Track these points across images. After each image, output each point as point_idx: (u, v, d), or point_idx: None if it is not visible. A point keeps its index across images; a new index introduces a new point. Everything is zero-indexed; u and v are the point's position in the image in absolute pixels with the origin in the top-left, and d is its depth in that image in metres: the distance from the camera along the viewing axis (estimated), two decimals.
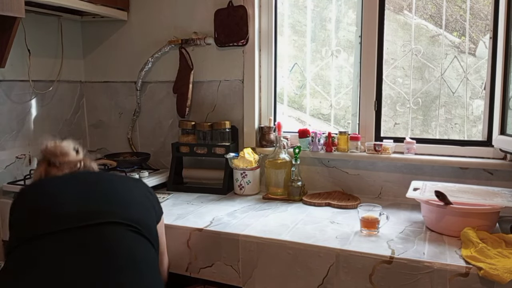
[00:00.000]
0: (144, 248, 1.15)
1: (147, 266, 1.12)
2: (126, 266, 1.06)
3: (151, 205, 1.29)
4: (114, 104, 2.42)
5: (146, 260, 1.13)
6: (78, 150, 1.33)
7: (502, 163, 1.73)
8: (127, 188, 1.27)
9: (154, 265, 1.17)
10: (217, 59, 2.15)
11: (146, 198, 1.29)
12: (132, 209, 1.19)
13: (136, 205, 1.22)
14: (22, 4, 1.64)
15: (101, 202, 1.16)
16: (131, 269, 1.06)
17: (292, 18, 2.15)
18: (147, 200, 1.28)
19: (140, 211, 1.21)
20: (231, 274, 1.50)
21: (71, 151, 1.30)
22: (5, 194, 1.94)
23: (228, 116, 2.15)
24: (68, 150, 1.29)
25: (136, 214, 1.19)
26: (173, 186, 2.10)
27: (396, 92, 1.99)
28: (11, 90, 2.03)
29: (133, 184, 1.33)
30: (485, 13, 1.83)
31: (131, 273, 1.06)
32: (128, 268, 1.06)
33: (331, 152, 1.95)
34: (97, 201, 1.16)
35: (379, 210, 1.49)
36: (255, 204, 1.85)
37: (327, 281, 1.35)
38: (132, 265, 1.07)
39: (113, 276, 1.02)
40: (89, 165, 1.34)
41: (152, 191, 1.35)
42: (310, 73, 2.13)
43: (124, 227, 1.12)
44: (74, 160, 1.29)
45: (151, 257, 1.17)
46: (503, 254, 1.25)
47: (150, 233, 1.20)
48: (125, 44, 2.34)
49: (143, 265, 1.10)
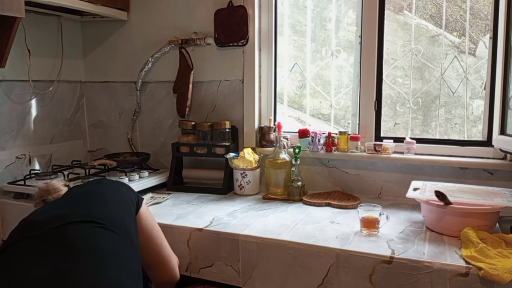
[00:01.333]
0: (111, 242, 1.14)
1: (115, 259, 1.11)
2: (85, 261, 1.05)
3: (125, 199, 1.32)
4: (114, 104, 2.42)
5: (114, 254, 1.12)
6: (68, 186, 1.43)
7: (502, 163, 1.73)
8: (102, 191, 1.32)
9: (126, 259, 1.15)
10: (217, 59, 2.15)
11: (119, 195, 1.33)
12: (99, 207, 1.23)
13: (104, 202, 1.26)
14: (22, 4, 1.63)
15: (71, 207, 1.22)
16: (91, 263, 1.06)
17: (292, 18, 2.15)
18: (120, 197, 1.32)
19: (108, 206, 1.25)
20: (231, 274, 1.50)
21: (62, 187, 1.40)
22: (5, 194, 1.94)
23: (228, 116, 2.15)
24: (59, 186, 1.40)
25: (101, 209, 1.21)
26: (173, 186, 2.10)
27: (396, 92, 1.99)
28: (11, 90, 2.03)
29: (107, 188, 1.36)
30: (485, 13, 1.83)
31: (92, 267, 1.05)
32: (87, 263, 1.05)
33: (331, 152, 1.95)
34: (68, 207, 1.22)
35: (379, 210, 1.49)
36: (255, 204, 1.85)
37: (327, 281, 1.35)
38: (93, 259, 1.07)
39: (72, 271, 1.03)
40: None
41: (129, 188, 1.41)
42: (310, 73, 2.13)
43: (88, 224, 1.14)
44: None
45: (121, 251, 1.15)
46: (503, 254, 1.25)
47: (121, 227, 1.20)
48: (125, 44, 2.34)
49: (108, 259, 1.09)
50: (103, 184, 1.39)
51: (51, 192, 1.37)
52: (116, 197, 1.31)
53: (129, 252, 1.18)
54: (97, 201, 1.25)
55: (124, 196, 1.34)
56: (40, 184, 1.43)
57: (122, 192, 1.36)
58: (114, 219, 1.20)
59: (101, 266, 1.06)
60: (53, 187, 1.39)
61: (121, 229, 1.19)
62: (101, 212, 1.20)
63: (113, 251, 1.12)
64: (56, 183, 1.42)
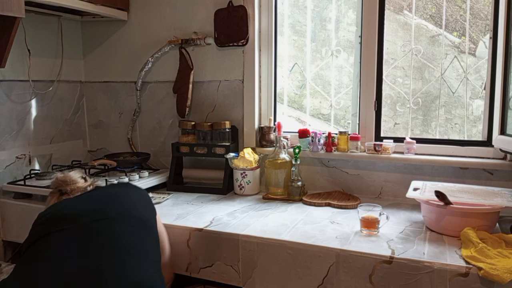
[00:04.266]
0: (144, 241, 1.22)
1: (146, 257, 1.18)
2: (119, 257, 1.11)
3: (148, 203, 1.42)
4: (114, 104, 2.42)
5: (146, 252, 1.19)
6: (86, 178, 1.46)
7: (502, 163, 1.73)
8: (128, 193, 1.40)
9: (156, 258, 1.24)
10: (217, 59, 2.15)
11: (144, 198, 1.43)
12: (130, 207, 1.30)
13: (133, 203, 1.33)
14: (22, 4, 1.64)
15: (103, 204, 1.28)
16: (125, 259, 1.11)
17: (292, 18, 2.15)
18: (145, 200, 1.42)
19: (137, 208, 1.32)
20: (231, 274, 1.50)
21: (79, 179, 1.43)
22: (5, 194, 1.94)
23: (228, 116, 2.15)
24: (76, 178, 1.43)
25: (132, 210, 1.29)
26: (173, 186, 2.10)
27: (396, 92, 1.99)
28: (11, 90, 2.03)
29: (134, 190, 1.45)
30: (485, 13, 1.83)
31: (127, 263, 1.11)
32: (121, 259, 1.11)
33: (331, 152, 1.95)
34: (100, 204, 1.28)
35: (379, 210, 1.49)
36: (255, 204, 1.85)
37: (327, 281, 1.35)
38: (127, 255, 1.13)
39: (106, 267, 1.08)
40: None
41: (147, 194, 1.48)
42: (310, 73, 2.13)
43: (122, 222, 1.21)
44: (83, 186, 1.41)
45: (152, 250, 1.24)
46: (503, 254, 1.25)
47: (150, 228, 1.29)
48: (125, 44, 2.34)
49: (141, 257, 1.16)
50: (129, 187, 1.46)
51: (68, 183, 1.39)
52: (142, 200, 1.39)
53: (156, 250, 1.27)
54: (127, 201, 1.32)
55: (147, 200, 1.43)
56: (58, 175, 1.45)
57: (145, 196, 1.44)
58: (143, 219, 1.28)
59: (134, 262, 1.12)
60: (71, 178, 1.41)
61: (150, 230, 1.28)
62: (132, 212, 1.27)
63: (145, 250, 1.20)
64: (73, 174, 1.44)
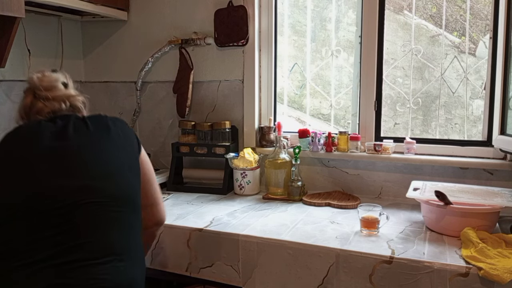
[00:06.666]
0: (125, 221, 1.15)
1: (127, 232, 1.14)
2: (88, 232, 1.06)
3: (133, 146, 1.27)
4: (114, 104, 2.41)
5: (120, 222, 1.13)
6: (66, 84, 1.27)
7: (502, 163, 1.73)
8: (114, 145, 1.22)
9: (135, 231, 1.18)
10: (217, 59, 2.15)
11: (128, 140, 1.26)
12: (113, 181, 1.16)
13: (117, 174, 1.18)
14: (22, 4, 1.63)
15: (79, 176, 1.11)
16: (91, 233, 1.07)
17: (292, 18, 2.15)
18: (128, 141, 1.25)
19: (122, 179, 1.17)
20: (231, 274, 1.50)
21: (58, 85, 1.24)
22: None
23: (228, 116, 2.15)
24: (55, 83, 1.23)
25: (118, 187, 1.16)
26: (173, 186, 2.10)
27: (396, 92, 1.99)
28: (11, 90, 2.03)
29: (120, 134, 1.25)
30: (485, 13, 1.83)
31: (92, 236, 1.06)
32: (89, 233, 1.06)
33: (331, 152, 1.95)
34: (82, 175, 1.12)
35: (379, 210, 1.49)
36: (255, 204, 1.85)
37: (327, 281, 1.35)
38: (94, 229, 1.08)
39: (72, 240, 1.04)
40: (76, 104, 1.27)
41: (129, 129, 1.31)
42: (310, 73, 2.13)
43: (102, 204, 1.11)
44: (60, 95, 1.23)
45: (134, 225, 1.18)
46: (503, 254, 1.25)
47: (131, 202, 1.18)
48: (125, 44, 2.34)
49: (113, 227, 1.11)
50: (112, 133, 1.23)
51: (41, 90, 1.21)
52: (126, 148, 1.23)
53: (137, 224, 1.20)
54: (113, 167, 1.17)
55: (132, 141, 1.27)
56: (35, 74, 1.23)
57: (130, 136, 1.28)
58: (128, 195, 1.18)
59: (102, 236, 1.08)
60: (48, 85, 1.22)
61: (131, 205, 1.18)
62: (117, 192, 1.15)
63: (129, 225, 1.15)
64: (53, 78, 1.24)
